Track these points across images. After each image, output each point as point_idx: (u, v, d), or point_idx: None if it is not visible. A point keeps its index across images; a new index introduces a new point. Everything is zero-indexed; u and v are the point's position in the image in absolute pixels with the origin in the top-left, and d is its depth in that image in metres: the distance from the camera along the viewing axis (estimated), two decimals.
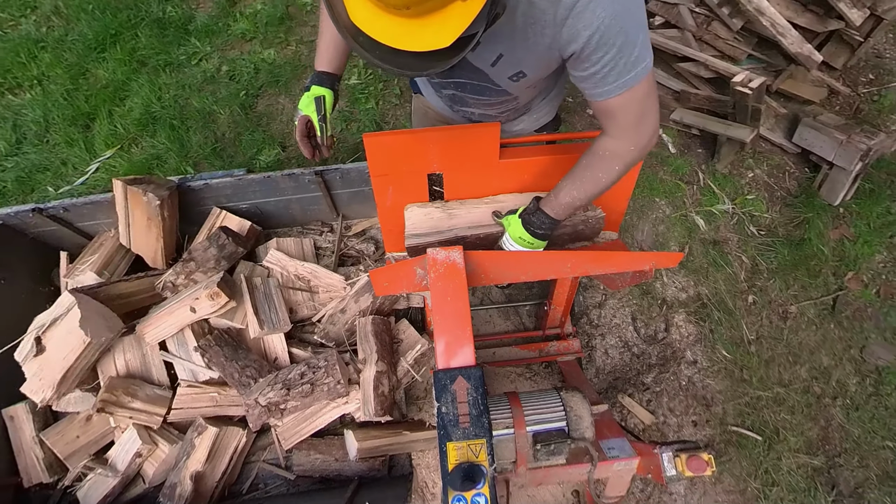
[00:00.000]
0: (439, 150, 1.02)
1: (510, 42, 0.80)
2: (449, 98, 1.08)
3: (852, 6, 1.81)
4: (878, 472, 1.68)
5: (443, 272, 0.89)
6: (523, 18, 0.74)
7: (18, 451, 1.36)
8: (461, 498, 0.76)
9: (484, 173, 1.07)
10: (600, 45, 0.73)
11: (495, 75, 0.88)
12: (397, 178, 1.06)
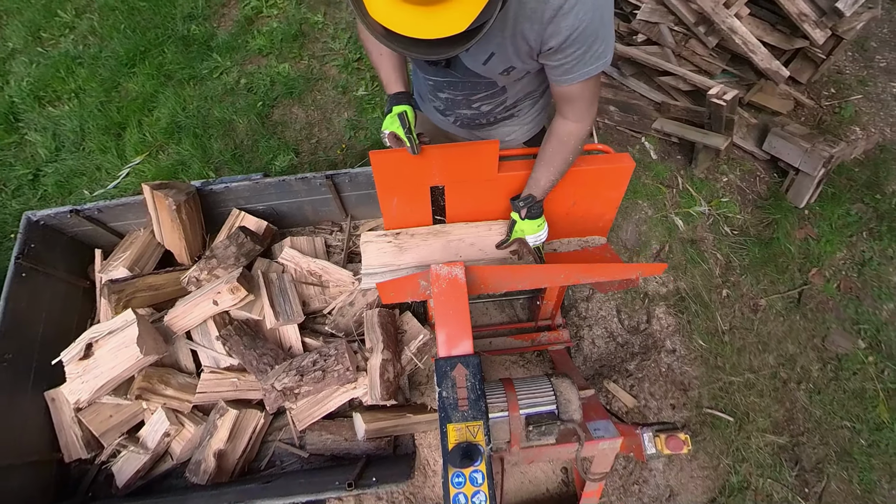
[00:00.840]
0: (441, 166, 1.00)
1: (501, 40, 0.82)
2: (443, 102, 1.07)
3: (815, 27, 1.81)
4: (836, 450, 1.69)
5: (445, 286, 0.88)
6: (514, 17, 0.78)
7: (59, 429, 1.36)
8: (460, 474, 0.76)
9: (484, 186, 1.05)
10: (575, 42, 0.78)
11: (487, 72, 0.90)
12: (402, 191, 1.04)
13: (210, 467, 1.28)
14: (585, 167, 1.02)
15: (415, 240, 1.11)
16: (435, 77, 1.00)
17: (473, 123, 1.12)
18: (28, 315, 1.36)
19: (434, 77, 1.00)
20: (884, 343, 1.83)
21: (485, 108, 1.05)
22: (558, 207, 1.08)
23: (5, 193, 2.14)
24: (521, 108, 1.10)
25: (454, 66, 0.91)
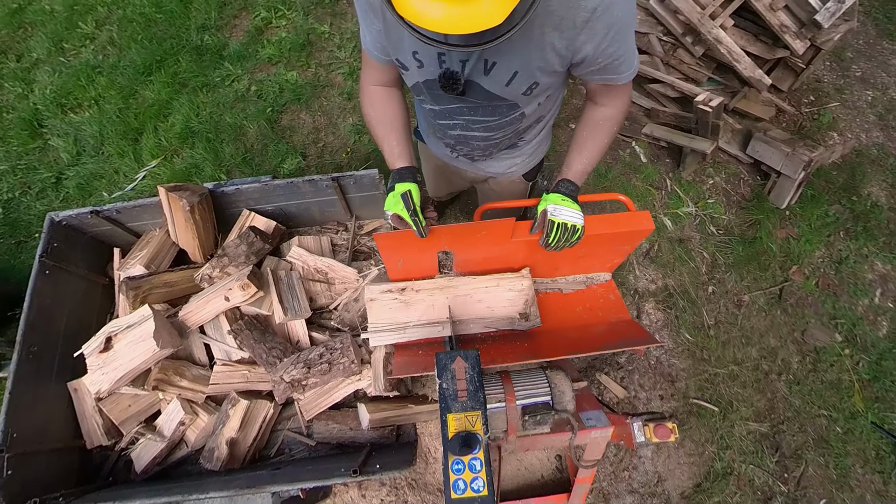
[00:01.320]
0: (451, 241, 0.96)
1: (525, 54, 0.73)
2: (454, 138, 1.00)
3: (796, 38, 1.81)
4: (814, 437, 1.69)
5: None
6: (540, 27, 0.69)
7: (81, 417, 1.36)
8: (459, 461, 0.76)
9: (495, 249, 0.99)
10: (615, 41, 0.71)
11: (509, 93, 0.81)
12: (407, 258, 1.01)
13: (223, 454, 1.28)
14: (605, 230, 0.94)
15: (420, 295, 1.03)
16: (450, 105, 0.88)
17: (480, 155, 1.05)
18: (52, 310, 1.35)
19: (449, 105, 0.89)
20: (859, 337, 1.83)
21: (498, 135, 0.96)
22: (568, 259, 1.02)
23: (30, 195, 2.14)
24: (529, 135, 1.02)
25: (473, 92, 0.82)
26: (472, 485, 0.75)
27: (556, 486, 1.15)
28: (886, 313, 1.87)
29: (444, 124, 0.97)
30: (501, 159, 1.08)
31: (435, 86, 0.82)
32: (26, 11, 2.59)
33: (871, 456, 1.67)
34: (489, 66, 0.76)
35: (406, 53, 0.80)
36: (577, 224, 0.87)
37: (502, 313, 1.01)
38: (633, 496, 1.59)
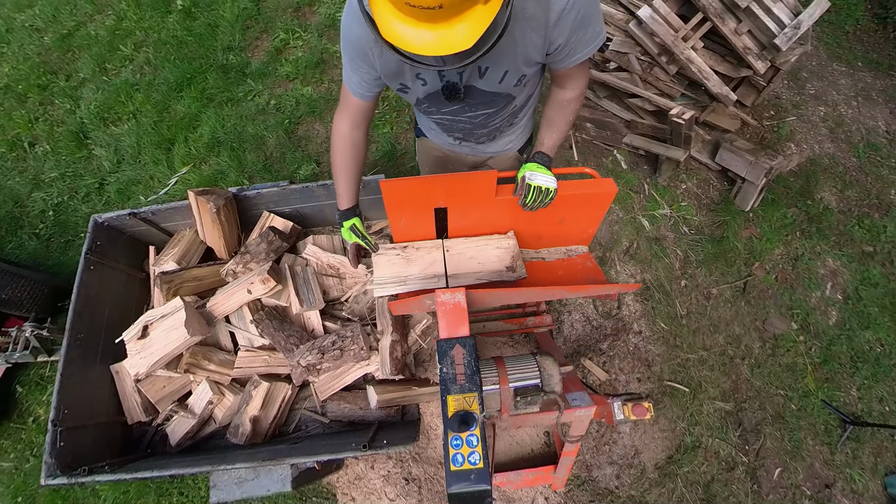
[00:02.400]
0: (444, 192, 0.96)
1: (511, 56, 0.77)
2: (460, 131, 1.03)
3: (758, 59, 1.79)
4: (772, 414, 1.69)
5: (449, 309, 0.85)
6: (520, 31, 0.73)
7: (123, 396, 1.36)
8: (458, 438, 0.75)
9: (482, 208, 1.01)
10: (578, 30, 0.74)
11: (504, 88, 0.85)
12: (409, 212, 1.01)
13: (247, 430, 1.27)
14: (575, 192, 0.97)
15: (420, 252, 1.07)
16: (452, 107, 0.92)
17: (484, 139, 1.07)
18: (96, 301, 1.35)
19: (452, 107, 0.92)
20: (812, 325, 1.83)
21: (497, 121, 0.99)
22: (547, 224, 1.04)
23: (77, 199, 2.13)
24: (522, 114, 1.05)
25: (472, 94, 0.86)
26: (469, 458, 0.74)
27: (544, 459, 1.15)
28: (836, 304, 1.86)
29: (449, 122, 0.99)
30: (500, 139, 1.10)
31: (438, 97, 0.86)
32: (74, 36, 2.57)
33: (820, 430, 1.67)
34: (483, 71, 0.80)
35: (408, 78, 0.84)
36: (551, 187, 0.91)
37: (492, 267, 1.03)
38: (613, 467, 1.58)
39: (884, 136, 2.18)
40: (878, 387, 1.73)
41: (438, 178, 0.93)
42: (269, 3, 2.52)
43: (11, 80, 2.44)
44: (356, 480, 1.49)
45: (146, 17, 2.56)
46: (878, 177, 2.08)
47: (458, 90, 0.83)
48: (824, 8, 1.68)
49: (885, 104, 2.25)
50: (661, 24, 1.80)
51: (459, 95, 0.84)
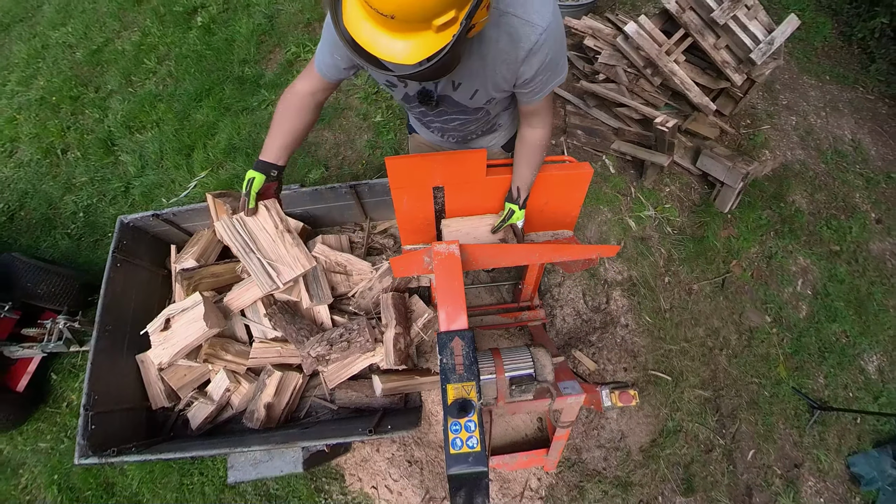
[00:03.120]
0: (441, 170, 0.97)
1: (482, 80, 0.78)
2: (438, 129, 1.03)
3: (735, 72, 1.78)
4: (747, 400, 1.68)
5: (444, 259, 0.84)
6: (492, 61, 0.72)
7: (147, 383, 1.36)
8: (457, 423, 0.74)
9: (475, 187, 1.02)
10: (544, 71, 0.74)
11: (473, 103, 0.86)
12: (410, 190, 1.01)
13: (261, 416, 1.26)
14: (556, 173, 0.99)
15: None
16: (428, 113, 0.92)
17: (464, 139, 1.08)
18: (122, 296, 1.35)
19: (428, 113, 0.92)
20: (784, 318, 1.82)
21: (473, 126, 1.00)
22: (533, 206, 1.05)
23: (105, 202, 2.11)
24: (501, 120, 1.06)
25: (445, 103, 0.86)
26: (467, 442, 0.73)
27: (537, 443, 1.14)
28: (805, 299, 1.85)
29: (429, 121, 0.99)
30: (483, 138, 1.10)
31: (414, 100, 0.86)
32: (103, 51, 2.55)
33: (790, 415, 1.67)
34: (456, 85, 0.81)
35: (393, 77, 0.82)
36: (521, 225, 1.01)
37: (485, 239, 1.04)
38: (601, 450, 1.57)
39: (849, 144, 2.18)
40: (843, 375, 1.74)
41: (436, 155, 0.94)
42: (281, 20, 2.49)
43: (46, 92, 2.42)
44: (363, 462, 1.49)
45: (168, 33, 2.54)
46: (844, 181, 2.08)
47: (432, 97, 0.83)
48: (795, 26, 1.68)
49: (850, 115, 2.25)
50: (646, 38, 1.79)
51: (432, 102, 0.84)
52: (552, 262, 1.22)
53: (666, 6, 1.76)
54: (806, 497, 1.56)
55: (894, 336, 1.82)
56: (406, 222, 1.10)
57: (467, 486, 0.72)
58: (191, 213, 1.43)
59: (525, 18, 0.66)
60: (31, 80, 2.49)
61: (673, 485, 1.54)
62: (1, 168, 2.23)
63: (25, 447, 1.63)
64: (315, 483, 1.51)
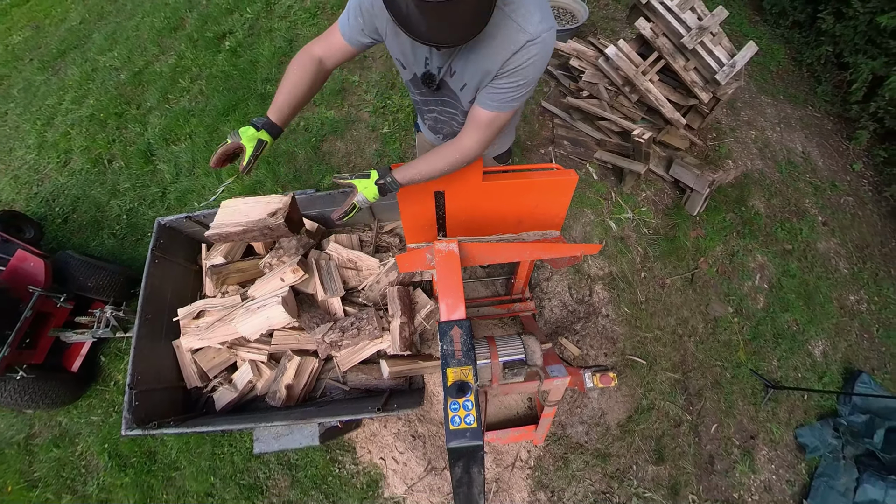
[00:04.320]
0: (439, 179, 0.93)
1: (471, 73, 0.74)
2: (433, 120, 0.96)
3: (702, 91, 1.76)
4: (711, 381, 1.67)
5: (444, 256, 0.82)
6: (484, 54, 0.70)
7: (182, 366, 1.35)
8: (456, 402, 0.73)
9: (472, 192, 0.99)
10: (514, 76, 0.69)
11: (462, 97, 0.81)
12: (414, 194, 0.99)
13: (282, 396, 1.25)
14: (544, 179, 0.96)
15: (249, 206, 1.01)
16: (430, 97, 0.86)
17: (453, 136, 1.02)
18: (160, 288, 1.33)
19: (427, 97, 0.86)
20: (744, 309, 1.80)
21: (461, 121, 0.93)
22: (524, 208, 1.03)
23: (144, 205, 2.09)
24: None
25: (444, 89, 0.81)
26: (465, 419, 0.72)
27: (527, 420, 1.12)
28: (762, 292, 1.84)
29: (426, 110, 0.94)
30: None
31: (419, 82, 0.82)
32: (144, 73, 2.52)
33: (748, 393, 1.66)
34: (452, 72, 0.78)
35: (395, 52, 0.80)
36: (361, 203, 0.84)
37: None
38: (583, 425, 1.56)
39: (800, 155, 2.18)
40: (794, 358, 1.74)
41: None
42: (299, 43, 2.46)
43: (95, 109, 2.41)
44: (372, 437, 1.48)
45: (200, 56, 2.51)
46: (796, 189, 2.08)
47: (434, 79, 0.79)
48: (753, 51, 1.67)
49: (801, 130, 2.25)
50: (625, 60, 1.76)
51: (433, 84, 0.79)
52: (541, 259, 1.20)
53: (642, 32, 1.74)
54: (760, 464, 1.57)
55: (836, 324, 1.83)
56: (410, 223, 1.08)
57: (465, 458, 0.72)
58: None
59: (522, 25, 0.65)
60: (83, 99, 2.48)
61: (646, 455, 1.53)
62: (57, 176, 2.22)
63: (80, 419, 1.63)
64: (330, 454, 1.50)
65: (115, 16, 2.85)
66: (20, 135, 2.41)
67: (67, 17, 2.96)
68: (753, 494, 1.53)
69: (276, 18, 2.53)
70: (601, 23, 2.43)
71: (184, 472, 1.51)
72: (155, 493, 1.50)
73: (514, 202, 0.98)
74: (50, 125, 2.42)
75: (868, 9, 2.01)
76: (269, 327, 1.22)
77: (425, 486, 1.41)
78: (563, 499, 1.45)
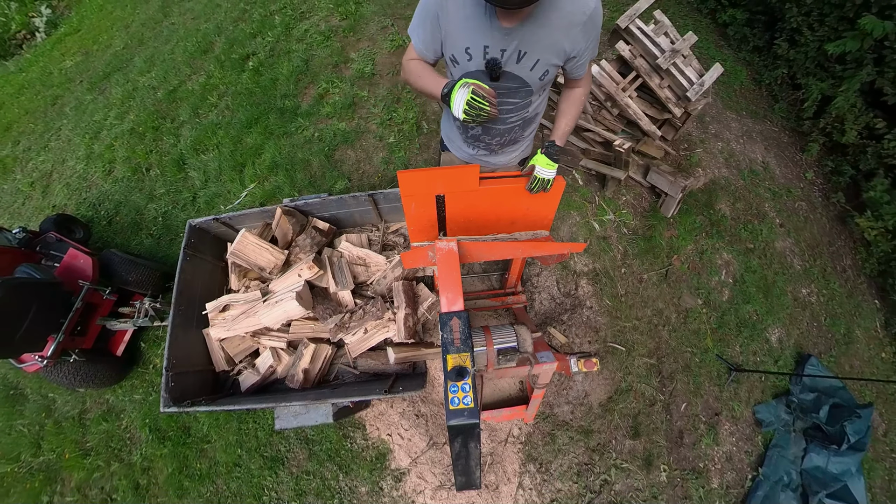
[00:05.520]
0: (442, 181, 0.92)
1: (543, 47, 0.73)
2: (473, 138, 0.94)
3: (675, 106, 1.74)
4: (682, 365, 1.66)
5: (444, 254, 0.80)
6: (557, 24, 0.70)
7: (211, 351, 1.34)
8: (455, 385, 0.72)
9: (469, 195, 0.96)
10: (591, 42, 0.71)
11: (531, 78, 0.78)
12: (417, 198, 0.96)
13: (300, 378, 1.24)
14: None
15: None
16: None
17: (494, 145, 0.98)
18: (191, 283, 1.32)
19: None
20: (712, 301, 1.80)
21: (514, 119, 0.89)
22: (517, 211, 1.00)
23: (177, 208, 2.08)
24: (527, 130, 0.97)
25: (506, 78, 0.78)
26: (463, 400, 0.71)
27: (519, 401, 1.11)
28: (727, 286, 1.83)
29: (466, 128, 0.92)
30: (508, 153, 1.02)
31: (481, 75, 0.78)
32: (177, 91, 2.50)
33: (714, 375, 1.66)
34: (521, 56, 0.75)
35: (459, 50, 0.77)
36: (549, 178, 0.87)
37: None
38: (569, 405, 1.55)
39: (760, 165, 2.18)
40: (754, 344, 1.74)
41: (437, 169, 0.89)
42: (315, 62, 2.43)
43: (135, 124, 2.40)
44: (380, 416, 1.47)
45: (227, 75, 2.49)
46: (757, 194, 2.07)
47: (499, 65, 0.75)
48: (719, 72, 1.67)
49: (761, 142, 2.25)
50: (607, 78, 1.74)
51: (498, 70, 0.75)
52: (532, 256, 1.17)
53: (622, 53, 1.72)
54: (722, 437, 1.58)
55: (790, 314, 1.84)
56: (414, 224, 1.06)
57: (463, 434, 0.71)
58: (242, 217, 1.40)
59: None
60: (125, 115, 2.47)
61: (623, 431, 1.52)
62: (102, 184, 2.22)
63: (124, 398, 1.65)
64: (342, 431, 1.49)
65: (154, 41, 2.84)
66: (71, 147, 2.42)
67: (112, 44, 2.98)
68: (717, 464, 1.55)
69: (293, 41, 2.50)
70: None
71: (214, 444, 1.52)
72: (190, 463, 1.51)
73: (507, 205, 0.96)
74: (97, 139, 2.42)
75: (817, 37, 2.07)
76: (288, 318, 1.20)
77: (427, 459, 1.41)
78: (550, 470, 1.44)
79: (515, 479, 1.40)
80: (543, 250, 0.93)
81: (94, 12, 3.27)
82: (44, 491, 1.55)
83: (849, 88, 1.94)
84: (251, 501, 1.43)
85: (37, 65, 3.06)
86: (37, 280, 1.28)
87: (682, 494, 1.48)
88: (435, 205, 0.99)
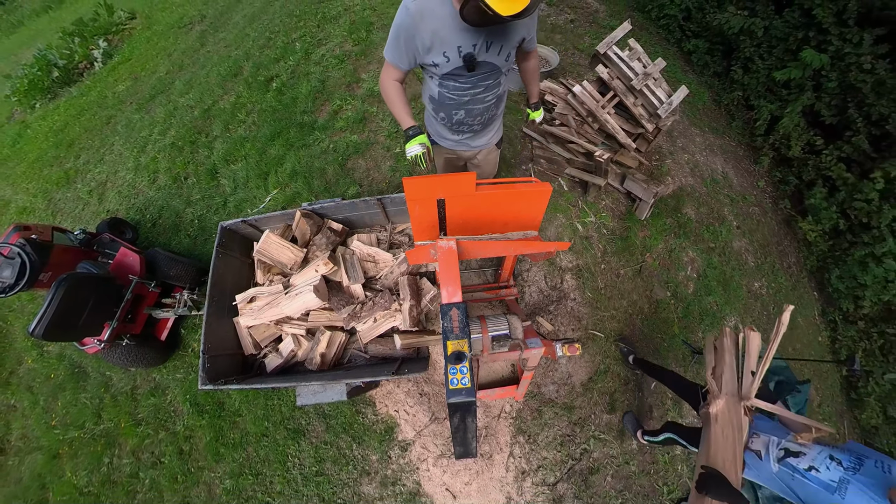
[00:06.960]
0: (442, 187, 0.90)
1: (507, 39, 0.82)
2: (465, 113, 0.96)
3: (648, 122, 1.72)
4: (653, 349, 1.65)
5: (445, 252, 0.79)
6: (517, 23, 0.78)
7: (240, 337, 1.33)
8: (454, 368, 0.71)
9: (467, 199, 0.94)
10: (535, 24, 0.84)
11: (499, 61, 0.86)
12: (421, 202, 0.94)
13: (317, 361, 1.22)
14: (525, 189, 0.92)
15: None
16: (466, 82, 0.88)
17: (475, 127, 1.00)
18: (223, 277, 1.31)
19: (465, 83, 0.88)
20: (679, 293, 1.79)
21: (490, 98, 0.94)
22: (509, 213, 0.98)
23: (210, 212, 2.06)
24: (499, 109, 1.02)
25: (480, 67, 0.85)
26: (461, 381, 0.70)
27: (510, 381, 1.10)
28: (692, 280, 1.83)
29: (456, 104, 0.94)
30: (487, 133, 1.05)
31: (460, 69, 0.84)
32: (211, 109, 2.48)
33: (680, 358, 1.66)
34: (489, 46, 0.82)
35: (438, 56, 0.82)
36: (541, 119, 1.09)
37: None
38: (554, 385, 1.54)
39: (721, 175, 2.18)
40: (714, 331, 1.75)
41: (439, 176, 0.89)
42: (330, 82, 2.40)
43: (175, 139, 2.40)
44: (388, 394, 1.46)
45: (253, 95, 2.46)
46: (718, 200, 2.07)
47: (475, 59, 0.82)
48: (685, 93, 1.67)
49: (721, 155, 2.26)
50: (588, 96, 1.72)
51: (474, 62, 0.82)
52: (522, 253, 1.15)
53: (601, 75, 1.70)
54: (685, 411, 1.59)
55: (745, 304, 1.87)
56: (417, 225, 1.03)
57: (461, 411, 0.71)
58: (266, 220, 1.38)
59: None
60: (167, 131, 2.47)
61: (602, 407, 1.51)
62: (147, 191, 2.23)
63: (168, 376, 1.67)
64: (355, 407, 1.48)
65: (192, 67, 2.84)
66: (122, 160, 2.44)
67: (157, 70, 3.00)
68: None
69: (312, 64, 2.47)
70: (569, 67, 2.38)
71: (245, 417, 1.52)
72: (224, 433, 1.53)
73: (501, 208, 0.94)
74: (143, 152, 2.43)
75: (766, 65, 2.19)
76: (306, 308, 1.19)
77: (430, 432, 1.41)
78: (537, 441, 1.43)
79: (507, 448, 1.40)
80: (533, 248, 0.92)
81: (143, 43, 3.32)
82: (105, 453, 1.60)
83: (793, 110, 2.06)
84: (277, 466, 1.44)
85: (95, 90, 3.10)
86: (95, 275, 1.31)
87: (650, 460, 1.48)
88: (436, 208, 0.97)
